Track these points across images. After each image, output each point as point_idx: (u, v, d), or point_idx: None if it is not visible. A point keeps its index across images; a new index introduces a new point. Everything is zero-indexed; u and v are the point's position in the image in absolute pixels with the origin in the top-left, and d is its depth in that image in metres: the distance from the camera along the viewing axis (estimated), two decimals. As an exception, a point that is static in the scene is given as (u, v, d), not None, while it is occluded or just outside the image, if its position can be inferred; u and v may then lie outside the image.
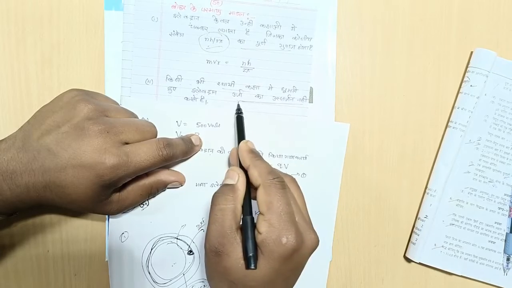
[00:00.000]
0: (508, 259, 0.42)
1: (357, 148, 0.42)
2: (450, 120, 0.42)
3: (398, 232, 0.43)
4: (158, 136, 0.35)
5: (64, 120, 0.31)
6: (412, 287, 0.43)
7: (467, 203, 0.42)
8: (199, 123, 0.38)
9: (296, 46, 0.40)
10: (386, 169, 0.42)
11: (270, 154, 0.40)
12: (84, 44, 0.38)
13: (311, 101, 0.40)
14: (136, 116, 0.36)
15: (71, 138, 0.30)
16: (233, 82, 0.39)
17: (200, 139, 0.38)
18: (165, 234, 0.39)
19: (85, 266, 0.39)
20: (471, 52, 0.42)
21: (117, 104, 0.37)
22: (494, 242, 0.42)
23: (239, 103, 0.39)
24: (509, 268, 0.42)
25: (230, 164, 0.39)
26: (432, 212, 0.41)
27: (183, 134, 0.38)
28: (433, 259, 0.42)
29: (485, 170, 0.42)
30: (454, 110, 0.42)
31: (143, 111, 0.37)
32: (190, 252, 0.39)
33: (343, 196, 0.41)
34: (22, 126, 0.32)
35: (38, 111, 0.33)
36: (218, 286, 0.31)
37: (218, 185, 0.39)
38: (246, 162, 0.33)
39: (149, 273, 0.39)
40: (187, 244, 0.39)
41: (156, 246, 0.38)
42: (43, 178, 0.30)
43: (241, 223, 0.31)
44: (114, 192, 0.34)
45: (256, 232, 0.30)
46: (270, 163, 0.40)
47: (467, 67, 0.42)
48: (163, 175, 0.37)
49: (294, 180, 0.33)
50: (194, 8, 0.39)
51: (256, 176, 0.31)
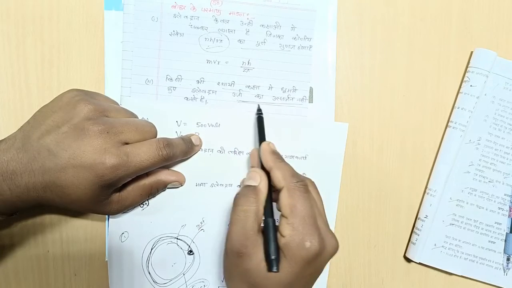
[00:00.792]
0: (508, 259, 0.42)
1: (357, 148, 0.42)
2: (450, 120, 0.42)
3: (398, 232, 0.43)
4: (158, 136, 0.35)
5: (64, 120, 0.31)
6: (412, 287, 0.43)
7: (467, 203, 0.42)
8: (199, 123, 0.39)
9: (296, 46, 0.40)
10: (386, 169, 0.42)
11: (270, 154, 0.39)
12: (84, 44, 0.38)
13: (311, 101, 0.40)
14: (136, 116, 0.36)
15: (71, 138, 0.30)
16: (233, 82, 0.39)
17: (200, 139, 0.38)
18: (165, 234, 0.39)
19: (85, 266, 0.39)
20: (471, 52, 0.42)
21: (117, 104, 0.37)
22: (494, 242, 0.42)
23: (259, 104, 0.39)
24: (509, 268, 0.42)
25: (248, 165, 0.39)
26: (432, 212, 0.41)
27: (183, 134, 0.38)
28: (433, 259, 0.42)
29: (485, 170, 0.42)
30: (454, 110, 0.42)
31: (143, 111, 0.37)
32: (190, 252, 0.39)
33: (343, 196, 0.41)
34: (22, 126, 0.32)
35: (38, 111, 0.33)
36: (237, 286, 0.31)
37: (218, 185, 0.39)
38: (269, 164, 0.33)
39: (149, 273, 0.39)
40: (187, 244, 0.39)
41: (156, 246, 0.38)
42: (43, 178, 0.30)
43: (262, 225, 0.31)
44: (114, 192, 0.34)
45: (278, 234, 0.30)
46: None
47: (467, 67, 0.42)
48: (163, 175, 0.37)
49: (313, 183, 0.33)
50: (194, 8, 0.39)
51: (279, 178, 0.31)
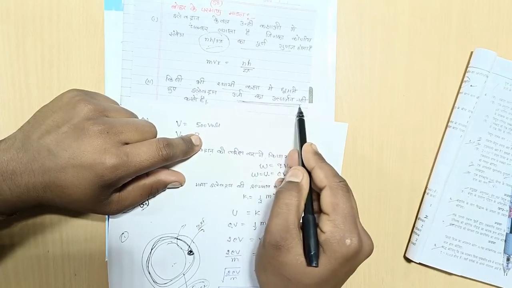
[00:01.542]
0: (508, 259, 0.42)
1: (357, 148, 0.42)
2: (450, 120, 0.42)
3: (398, 232, 0.43)
4: (158, 136, 0.35)
5: (64, 120, 0.31)
6: (412, 287, 0.43)
7: (467, 203, 0.42)
8: (199, 123, 0.38)
9: (296, 46, 0.40)
10: (386, 169, 0.42)
11: (270, 154, 0.39)
12: (84, 44, 0.38)
13: (310, 101, 0.40)
14: (136, 116, 0.36)
15: (71, 138, 0.30)
16: (233, 82, 0.39)
17: (200, 139, 0.38)
18: (165, 234, 0.39)
19: (85, 266, 0.39)
20: (471, 52, 0.42)
21: (117, 104, 0.37)
22: (494, 242, 0.42)
23: (300, 107, 0.40)
24: (509, 268, 0.42)
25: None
26: (432, 212, 0.41)
27: (183, 134, 0.38)
28: (433, 259, 0.42)
29: (485, 170, 0.42)
30: (454, 110, 0.42)
31: (143, 111, 0.37)
32: (190, 252, 0.39)
33: (343, 196, 0.41)
34: (22, 126, 0.32)
35: (38, 111, 0.33)
36: (269, 279, 0.31)
37: (218, 185, 0.39)
38: (311, 164, 0.34)
39: (149, 273, 0.39)
40: (187, 244, 0.39)
41: (156, 246, 0.38)
42: (43, 178, 0.30)
43: (301, 221, 0.32)
44: (114, 192, 0.34)
45: (318, 230, 0.31)
46: (269, 163, 0.40)
47: (467, 67, 0.42)
48: (163, 175, 0.37)
49: (349, 186, 0.34)
50: (194, 8, 0.39)
51: (322, 178, 0.32)
